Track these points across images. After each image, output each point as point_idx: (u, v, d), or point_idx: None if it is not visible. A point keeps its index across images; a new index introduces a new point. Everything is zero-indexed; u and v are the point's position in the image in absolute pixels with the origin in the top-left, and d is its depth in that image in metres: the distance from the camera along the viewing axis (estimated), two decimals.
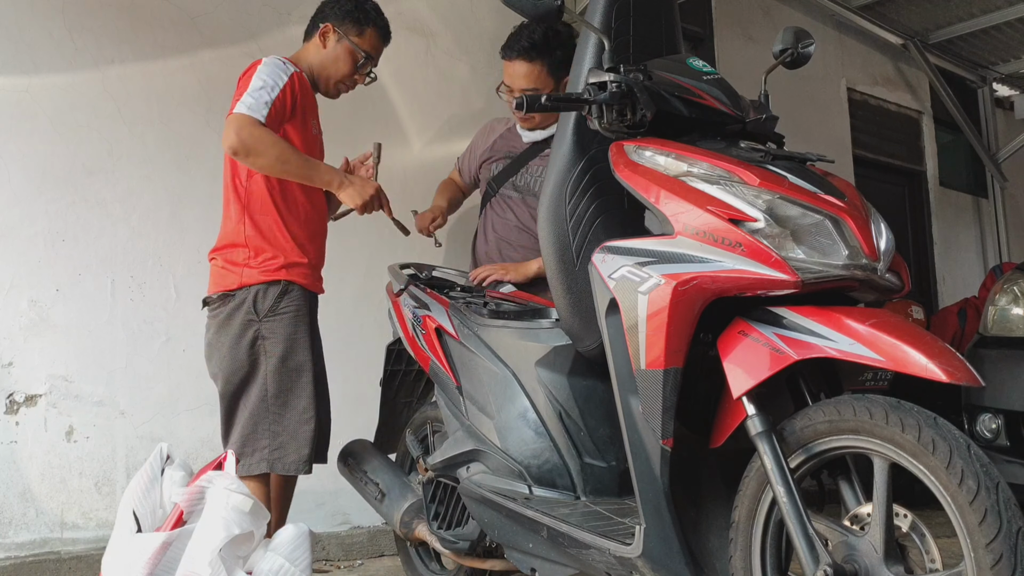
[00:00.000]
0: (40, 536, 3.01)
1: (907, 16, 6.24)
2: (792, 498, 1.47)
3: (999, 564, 1.27)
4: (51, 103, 3.18)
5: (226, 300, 2.45)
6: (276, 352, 2.41)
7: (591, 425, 2.03)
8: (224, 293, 2.45)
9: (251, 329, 2.41)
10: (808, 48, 1.98)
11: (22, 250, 3.09)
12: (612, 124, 1.76)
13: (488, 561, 2.32)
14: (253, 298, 2.42)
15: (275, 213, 2.47)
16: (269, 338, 2.42)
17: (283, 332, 2.42)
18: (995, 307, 3.30)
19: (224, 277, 2.47)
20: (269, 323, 2.42)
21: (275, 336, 2.42)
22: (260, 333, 2.41)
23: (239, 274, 2.44)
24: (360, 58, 2.62)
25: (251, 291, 2.42)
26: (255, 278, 2.43)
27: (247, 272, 2.44)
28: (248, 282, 2.43)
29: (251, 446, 2.38)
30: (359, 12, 2.62)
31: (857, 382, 1.69)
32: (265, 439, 2.38)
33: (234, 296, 2.43)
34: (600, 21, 1.94)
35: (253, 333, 2.41)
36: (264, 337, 2.42)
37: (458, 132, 4.18)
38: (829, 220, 1.56)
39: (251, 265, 2.44)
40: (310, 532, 2.18)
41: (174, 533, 2.00)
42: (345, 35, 2.61)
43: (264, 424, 2.39)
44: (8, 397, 3.02)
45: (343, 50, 2.61)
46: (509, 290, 2.62)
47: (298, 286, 2.47)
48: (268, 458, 2.37)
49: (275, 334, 2.42)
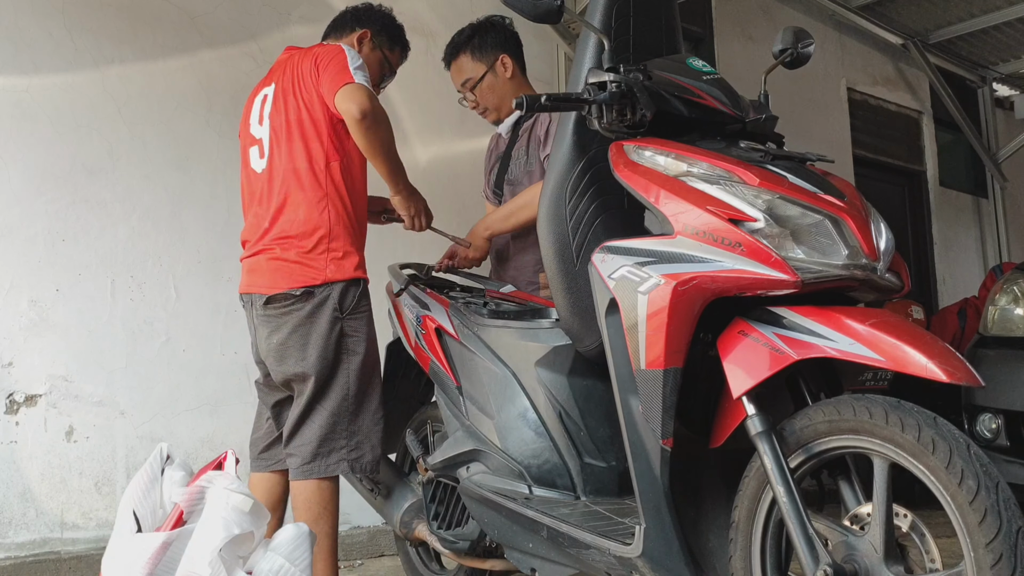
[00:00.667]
0: (40, 536, 3.02)
1: (907, 16, 6.24)
2: (792, 498, 1.47)
3: (999, 564, 1.27)
4: (51, 103, 3.18)
5: (307, 297, 2.32)
6: (359, 351, 2.35)
7: (591, 425, 2.03)
8: (305, 289, 2.32)
9: (337, 327, 2.33)
10: (808, 48, 1.98)
11: (22, 250, 3.09)
12: (612, 124, 1.76)
13: (488, 561, 2.32)
14: (339, 295, 2.33)
15: (351, 204, 2.40)
16: (352, 336, 2.35)
17: (364, 331, 2.37)
18: (995, 307, 3.30)
19: (300, 270, 2.33)
20: (352, 321, 2.35)
21: (358, 335, 2.36)
22: (344, 331, 2.34)
23: (323, 268, 2.33)
24: (386, 71, 2.69)
25: (335, 288, 2.33)
26: (342, 274, 2.34)
27: (332, 267, 2.33)
28: (334, 278, 2.33)
29: (328, 446, 2.30)
30: (395, 29, 2.71)
31: (857, 382, 1.69)
32: (343, 439, 2.31)
33: (314, 293, 2.32)
34: (600, 21, 1.94)
35: (339, 331, 2.33)
36: (348, 335, 2.34)
37: (458, 132, 4.18)
38: (829, 220, 1.56)
39: (336, 258, 2.34)
40: (310, 532, 2.18)
41: (174, 533, 2.00)
42: (380, 46, 2.66)
43: (343, 424, 2.32)
44: (8, 397, 3.02)
45: (375, 59, 2.64)
46: (509, 289, 2.62)
47: (367, 285, 2.43)
48: (347, 458, 2.31)
49: (358, 332, 2.36)
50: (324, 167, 2.36)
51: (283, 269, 2.34)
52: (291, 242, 2.34)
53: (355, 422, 2.34)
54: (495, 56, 2.74)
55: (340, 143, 2.39)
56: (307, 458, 2.29)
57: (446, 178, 4.09)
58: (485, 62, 2.75)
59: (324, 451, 2.30)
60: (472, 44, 2.77)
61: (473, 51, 2.76)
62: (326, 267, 2.33)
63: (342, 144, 2.40)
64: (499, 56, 2.73)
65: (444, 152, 4.17)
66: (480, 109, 2.82)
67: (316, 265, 2.33)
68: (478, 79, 2.74)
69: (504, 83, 2.74)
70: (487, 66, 2.74)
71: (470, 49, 2.77)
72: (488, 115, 2.83)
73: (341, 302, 2.33)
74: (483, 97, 2.76)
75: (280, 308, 2.34)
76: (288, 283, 2.33)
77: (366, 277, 2.41)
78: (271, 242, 2.37)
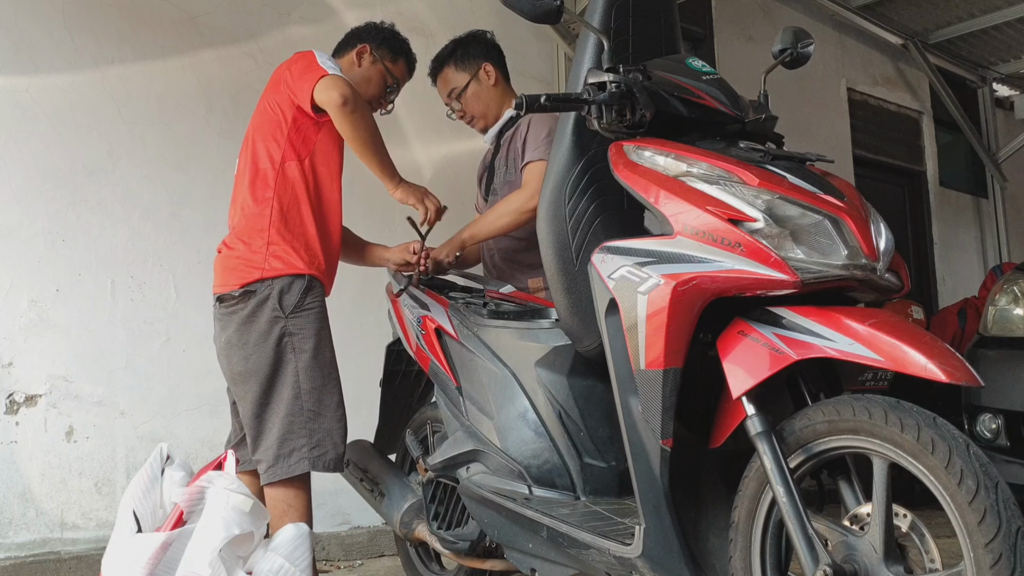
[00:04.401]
0: (40, 536, 3.02)
1: (907, 16, 6.25)
2: (792, 498, 1.47)
3: (998, 564, 1.27)
4: (51, 103, 3.18)
5: (247, 296, 2.31)
6: (306, 348, 2.32)
7: (591, 425, 2.03)
8: (245, 288, 2.31)
9: (277, 326, 2.30)
10: (808, 48, 1.98)
11: (22, 250, 3.09)
12: (611, 124, 1.76)
13: (488, 561, 2.32)
14: (279, 293, 2.31)
15: (307, 204, 2.39)
16: (297, 334, 2.32)
17: (311, 328, 2.34)
18: (995, 307, 3.30)
19: (239, 269, 2.34)
20: (296, 319, 2.32)
21: (303, 332, 2.32)
22: (287, 330, 2.31)
23: (261, 265, 2.32)
24: (390, 83, 2.68)
25: (275, 285, 2.31)
26: (279, 270, 2.32)
27: (271, 263, 2.32)
28: (271, 274, 2.31)
29: (289, 446, 2.28)
30: (395, 41, 2.70)
31: (857, 382, 1.69)
32: (303, 438, 2.29)
33: (255, 291, 2.31)
34: (600, 21, 1.94)
35: (280, 330, 2.30)
36: (291, 334, 2.31)
37: (457, 133, 4.17)
38: (828, 220, 1.56)
39: (276, 255, 2.33)
40: (310, 532, 2.18)
41: (174, 533, 2.00)
42: (381, 59, 2.66)
43: (299, 423, 2.29)
44: (8, 397, 3.02)
45: (376, 72, 2.65)
46: (509, 290, 2.63)
47: (319, 282, 2.40)
48: (308, 456, 2.29)
49: (303, 330, 2.33)
50: (279, 165, 2.38)
51: (229, 267, 2.38)
52: (237, 240, 2.38)
53: (315, 420, 2.31)
54: (478, 65, 2.80)
55: (302, 142, 2.40)
56: (271, 462, 2.28)
57: (446, 178, 4.09)
58: (468, 71, 2.80)
59: (284, 452, 2.28)
60: (455, 56, 2.83)
61: (456, 62, 2.82)
62: (264, 263, 2.32)
63: (304, 143, 2.40)
64: (482, 64, 2.80)
65: (444, 152, 4.17)
66: (467, 118, 2.86)
67: (255, 261, 2.33)
68: (462, 87, 2.80)
69: (488, 90, 2.80)
70: (471, 75, 2.80)
71: (453, 60, 2.83)
72: (475, 123, 2.87)
73: (281, 300, 2.31)
74: (469, 105, 2.81)
75: (228, 307, 2.36)
76: (232, 282, 2.35)
77: (312, 273, 2.36)
78: (226, 239, 2.43)
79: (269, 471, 2.28)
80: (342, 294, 3.47)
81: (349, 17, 3.84)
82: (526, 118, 2.67)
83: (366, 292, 3.62)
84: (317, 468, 2.30)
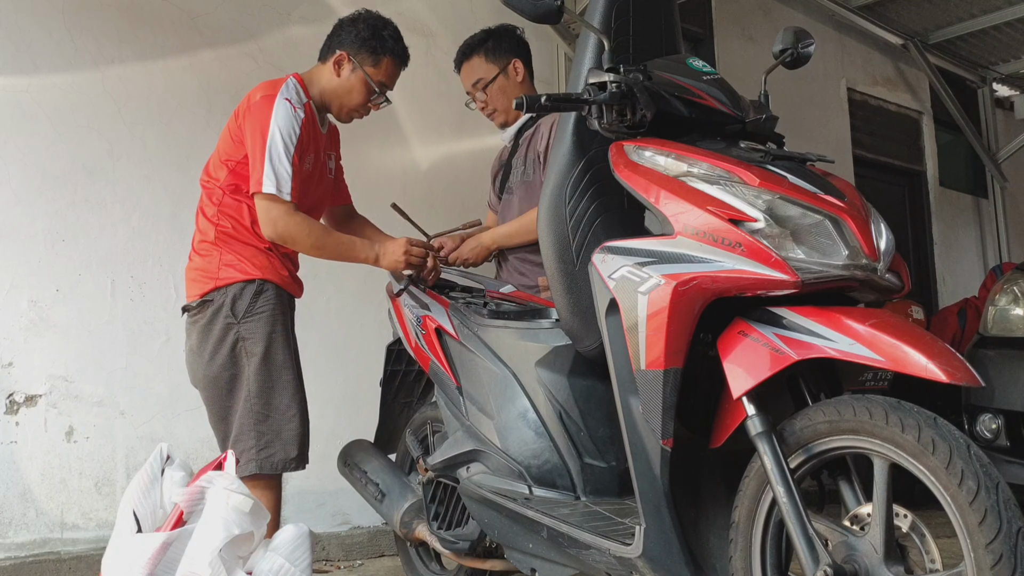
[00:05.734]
0: (40, 536, 3.02)
1: (907, 16, 6.24)
2: (792, 498, 1.47)
3: (999, 564, 1.27)
4: (51, 103, 3.18)
5: (205, 306, 2.40)
6: (257, 351, 2.37)
7: (591, 425, 2.03)
8: (203, 299, 2.40)
9: (231, 332, 2.37)
10: (808, 48, 1.98)
11: (22, 250, 3.09)
12: (612, 124, 1.76)
13: (488, 561, 2.32)
14: (231, 300, 2.37)
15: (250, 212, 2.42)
16: (249, 339, 2.37)
17: (262, 331, 2.38)
18: (995, 307, 3.30)
19: (199, 280, 2.42)
20: (247, 323, 2.37)
21: (254, 336, 2.37)
22: (240, 335, 2.37)
23: (215, 275, 2.39)
24: (374, 90, 2.56)
25: (228, 293, 2.38)
26: (231, 277, 2.38)
27: (224, 272, 2.39)
28: (224, 282, 2.38)
29: (239, 447, 2.33)
30: (375, 40, 2.53)
31: (857, 382, 1.69)
32: (251, 439, 2.34)
33: (212, 300, 2.39)
34: (600, 21, 1.94)
35: (234, 336, 2.37)
36: (244, 338, 2.37)
37: (457, 132, 4.18)
38: (829, 220, 1.56)
39: (228, 263, 2.39)
40: (310, 532, 2.18)
41: (174, 533, 2.00)
42: (360, 65, 2.52)
43: (248, 424, 2.34)
44: (8, 397, 3.02)
45: (357, 80, 2.53)
46: (509, 289, 2.63)
47: (273, 285, 2.42)
48: (256, 458, 2.33)
49: (254, 334, 2.37)
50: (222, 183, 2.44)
51: (190, 279, 2.48)
52: (195, 253, 2.48)
53: (263, 422, 2.35)
54: (508, 59, 2.79)
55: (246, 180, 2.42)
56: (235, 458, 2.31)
57: (446, 179, 4.09)
58: (498, 64, 2.79)
59: (236, 452, 2.29)
60: (486, 46, 2.81)
61: (487, 53, 2.80)
62: (218, 271, 2.40)
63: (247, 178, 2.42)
64: (512, 60, 2.79)
65: (444, 153, 4.17)
66: (489, 110, 2.85)
67: (210, 271, 2.41)
68: (490, 79, 2.79)
69: (515, 86, 2.79)
70: (500, 68, 2.79)
71: (484, 51, 2.81)
72: (496, 117, 2.86)
73: (234, 307, 2.38)
74: (493, 99, 2.81)
75: (190, 317, 2.47)
76: (193, 292, 2.45)
77: (264, 277, 2.40)
78: (189, 254, 2.52)
79: None
80: (342, 294, 3.48)
81: None
82: (547, 119, 2.66)
83: (366, 292, 3.62)
84: (265, 470, 2.34)
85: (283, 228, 2.35)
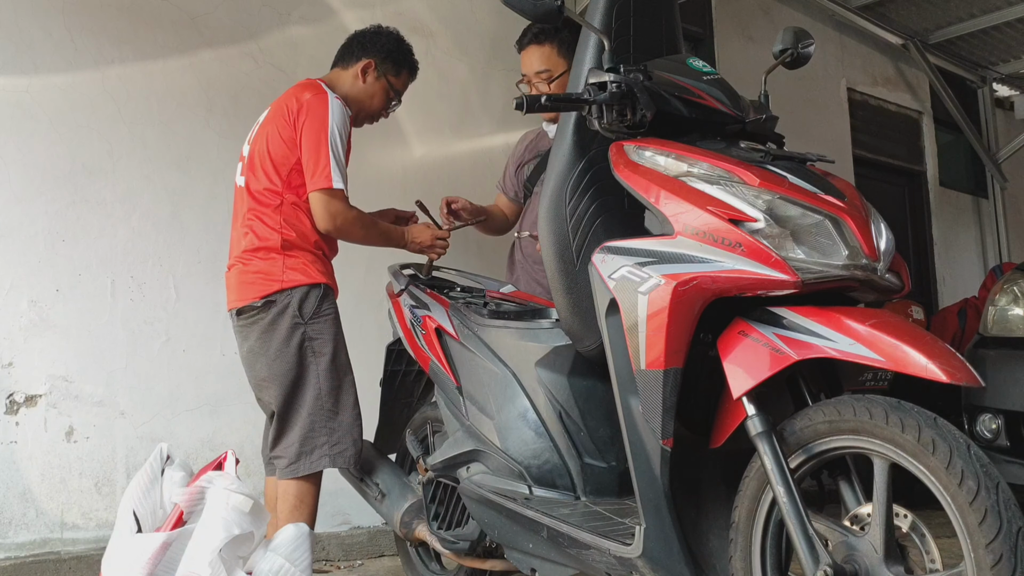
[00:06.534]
0: (40, 536, 3.01)
1: (907, 16, 6.24)
2: (792, 498, 1.47)
3: (999, 564, 1.27)
4: (51, 103, 3.18)
5: (268, 306, 2.47)
6: (325, 352, 2.48)
7: (591, 425, 2.03)
8: (266, 299, 2.46)
9: (298, 332, 2.46)
10: (808, 48, 1.98)
11: (22, 250, 3.09)
12: (612, 124, 1.76)
13: (488, 561, 2.32)
14: (298, 302, 2.46)
15: (309, 220, 2.53)
16: (317, 339, 2.48)
17: (329, 333, 2.50)
18: (995, 307, 3.30)
19: (258, 283, 2.49)
20: (315, 324, 2.48)
21: (322, 337, 2.49)
22: (308, 335, 2.47)
23: (279, 278, 2.48)
24: (392, 97, 2.76)
25: (294, 295, 2.46)
26: (296, 280, 2.48)
27: (289, 275, 2.48)
28: (290, 284, 2.47)
29: (310, 444, 2.43)
30: (399, 53, 2.74)
31: (857, 382, 1.69)
32: (323, 436, 2.44)
33: (275, 301, 2.46)
34: (600, 21, 1.94)
35: (300, 336, 2.46)
36: (311, 338, 2.48)
37: (457, 132, 4.18)
38: (829, 220, 1.56)
39: (292, 267, 2.48)
40: (310, 532, 2.18)
41: (174, 533, 2.00)
42: (384, 74, 2.72)
43: (321, 422, 2.45)
44: (8, 397, 3.02)
45: (379, 88, 2.72)
46: (509, 289, 2.63)
47: (333, 291, 2.57)
48: (329, 454, 2.44)
49: (322, 335, 2.49)
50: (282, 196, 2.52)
51: (247, 282, 2.52)
52: (253, 255, 2.52)
53: (334, 419, 2.47)
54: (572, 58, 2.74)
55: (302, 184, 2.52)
56: (292, 458, 2.42)
57: (446, 178, 4.09)
58: (568, 60, 2.70)
59: (307, 450, 2.43)
60: (561, 37, 2.73)
61: (561, 45, 2.74)
62: (283, 275, 2.48)
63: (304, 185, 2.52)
64: None
65: (444, 152, 4.16)
66: None
67: (274, 274, 2.48)
68: (558, 74, 2.73)
69: None
70: (567, 64, 2.71)
71: (559, 42, 2.74)
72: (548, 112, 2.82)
73: (301, 307, 2.47)
74: None
75: (248, 319, 2.51)
76: (252, 294, 2.50)
77: (326, 282, 2.54)
78: (239, 257, 2.56)
79: (290, 467, 2.42)
80: (342, 294, 3.47)
81: (349, 17, 3.83)
82: None
83: (366, 292, 3.61)
84: (337, 464, 2.47)
85: (342, 221, 2.49)
